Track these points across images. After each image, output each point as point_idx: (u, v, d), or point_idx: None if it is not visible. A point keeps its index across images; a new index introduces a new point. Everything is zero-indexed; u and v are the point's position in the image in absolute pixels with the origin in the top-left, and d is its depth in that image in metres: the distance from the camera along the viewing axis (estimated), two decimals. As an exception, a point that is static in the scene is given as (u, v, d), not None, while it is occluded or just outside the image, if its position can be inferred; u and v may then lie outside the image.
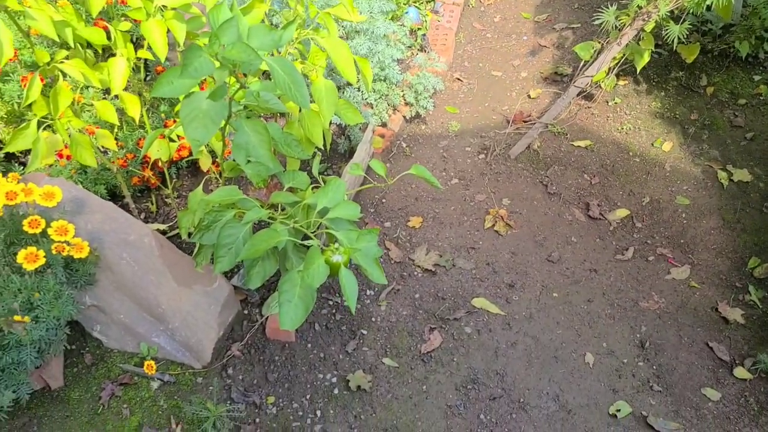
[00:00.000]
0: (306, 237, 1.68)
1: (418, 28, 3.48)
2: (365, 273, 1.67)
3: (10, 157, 2.48)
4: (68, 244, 1.87)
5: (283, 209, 1.95)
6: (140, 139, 2.47)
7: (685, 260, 2.50)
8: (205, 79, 2.23)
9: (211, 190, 2.55)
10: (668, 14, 2.64)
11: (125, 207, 2.42)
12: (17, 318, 1.73)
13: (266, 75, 2.12)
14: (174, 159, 2.59)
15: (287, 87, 1.35)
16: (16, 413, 1.90)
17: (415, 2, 3.69)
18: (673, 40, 2.63)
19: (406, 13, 3.44)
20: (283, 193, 1.82)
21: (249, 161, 1.68)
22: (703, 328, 2.29)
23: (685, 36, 2.65)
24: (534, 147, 2.92)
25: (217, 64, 1.28)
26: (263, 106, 1.67)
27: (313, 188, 1.92)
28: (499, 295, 2.35)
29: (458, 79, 3.34)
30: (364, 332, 2.21)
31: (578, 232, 2.59)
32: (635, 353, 2.20)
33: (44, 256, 1.79)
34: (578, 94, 2.96)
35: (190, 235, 2.00)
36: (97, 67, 1.99)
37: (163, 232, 2.41)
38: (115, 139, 2.50)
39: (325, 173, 2.73)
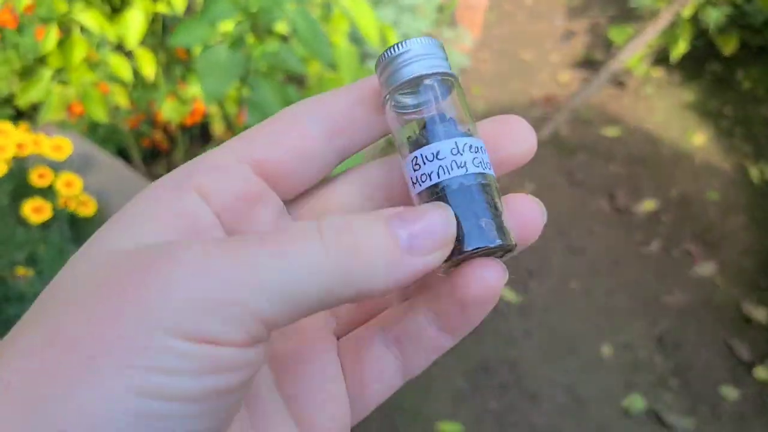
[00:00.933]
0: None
1: (447, 5, 3.39)
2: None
3: (20, 116, 2.44)
4: (75, 199, 1.82)
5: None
6: (153, 101, 2.42)
7: (710, 257, 2.41)
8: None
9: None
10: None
11: (134, 170, 2.37)
12: (21, 270, 1.69)
13: (284, 40, 2.06)
14: (186, 124, 2.53)
15: (310, 43, 1.28)
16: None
17: (445, -21, 3.60)
18: (710, 28, 2.52)
19: (435, -11, 3.35)
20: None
21: (264, 123, 1.61)
22: (725, 326, 2.20)
23: (724, 25, 2.55)
24: (560, 133, 2.83)
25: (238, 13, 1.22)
26: (282, 66, 1.60)
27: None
28: (517, 282, 2.28)
29: (485, 60, 3.25)
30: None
31: (602, 222, 2.51)
32: (653, 348, 2.12)
33: (51, 210, 1.75)
34: (609, 81, 2.86)
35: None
36: (114, 20, 1.94)
37: (174, 197, 2.36)
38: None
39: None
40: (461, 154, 0.31)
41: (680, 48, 2.70)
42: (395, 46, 0.31)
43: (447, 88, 0.32)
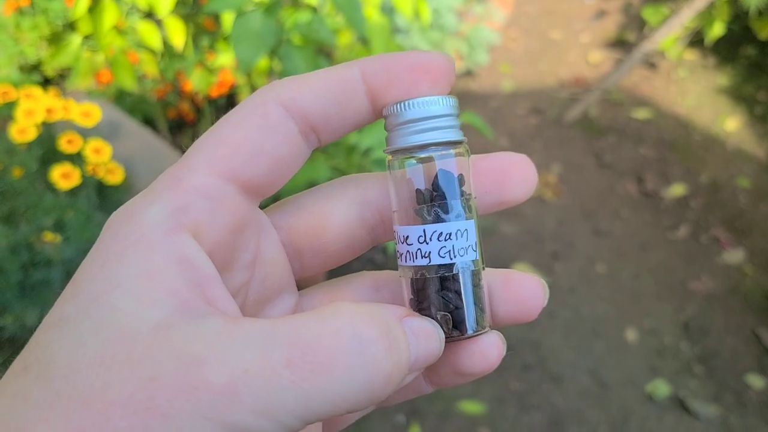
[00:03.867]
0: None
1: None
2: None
3: (47, 82, 2.44)
4: (104, 166, 1.82)
5: (324, 150, 1.87)
6: (180, 71, 2.41)
7: (739, 244, 2.37)
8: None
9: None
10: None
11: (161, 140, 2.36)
12: (48, 236, 1.69)
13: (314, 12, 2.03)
14: (213, 96, 2.52)
15: (344, 7, 1.26)
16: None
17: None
18: (750, 10, 2.45)
19: (466, -35, 3.29)
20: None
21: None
22: (752, 314, 2.16)
23: (764, 7, 2.48)
24: (590, 114, 2.78)
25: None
26: (313, 37, 1.58)
27: (357, 131, 1.83)
28: (542, 263, 2.25)
29: (515, 38, 3.20)
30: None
31: (629, 206, 2.47)
32: (678, 334, 2.09)
33: (79, 176, 1.75)
34: (641, 62, 2.80)
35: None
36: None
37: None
38: (157, 68, 2.44)
39: (369, 123, 2.64)
40: (427, 243, 0.31)
41: (716, 30, 2.63)
42: (404, 105, 0.30)
43: (451, 156, 0.31)
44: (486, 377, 1.56)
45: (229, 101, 2.62)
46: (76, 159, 1.82)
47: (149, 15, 2.47)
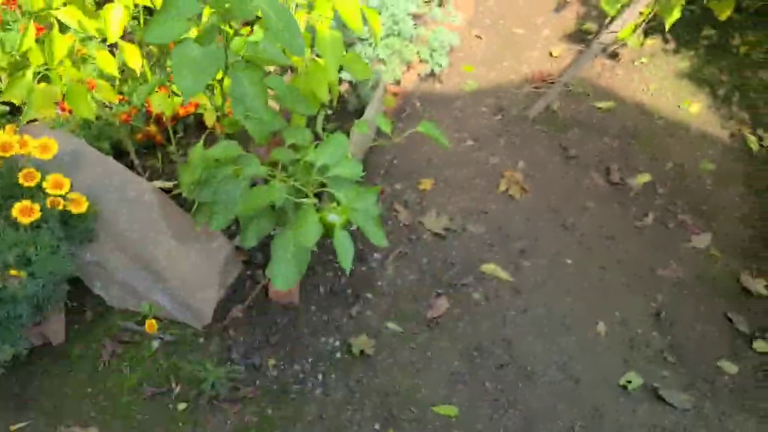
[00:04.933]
0: (305, 196, 1.61)
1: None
2: (365, 234, 1.60)
3: (15, 111, 2.43)
4: (65, 198, 1.82)
5: (285, 167, 1.88)
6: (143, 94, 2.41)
7: (707, 228, 2.39)
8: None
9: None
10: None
11: (129, 164, 2.37)
12: (12, 272, 1.70)
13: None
14: (180, 115, 2.52)
15: (281, 34, 1.27)
16: (16, 368, 1.88)
17: (435, -45, 3.54)
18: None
19: (425, -35, 3.29)
20: (282, 150, 1.74)
21: (248, 116, 1.61)
22: (723, 298, 2.19)
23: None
24: (553, 108, 2.80)
25: (206, 8, 1.20)
26: (264, 57, 1.58)
27: (316, 145, 1.84)
28: (510, 261, 2.27)
29: (477, 36, 3.21)
30: (369, 296, 2.15)
31: (596, 197, 2.49)
32: (649, 323, 2.12)
33: (39, 210, 1.75)
34: (602, 52, 2.82)
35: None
36: (95, 15, 1.92)
37: (168, 190, 2.35)
38: (120, 93, 2.44)
39: (334, 132, 2.65)
40: None
41: (674, 16, 2.65)
42: None
43: None
44: (460, 378, 1.58)
45: (197, 119, 2.63)
46: (36, 192, 1.82)
47: (105, 41, 2.48)
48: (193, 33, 1.32)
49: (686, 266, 2.27)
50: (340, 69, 2.06)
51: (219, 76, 1.60)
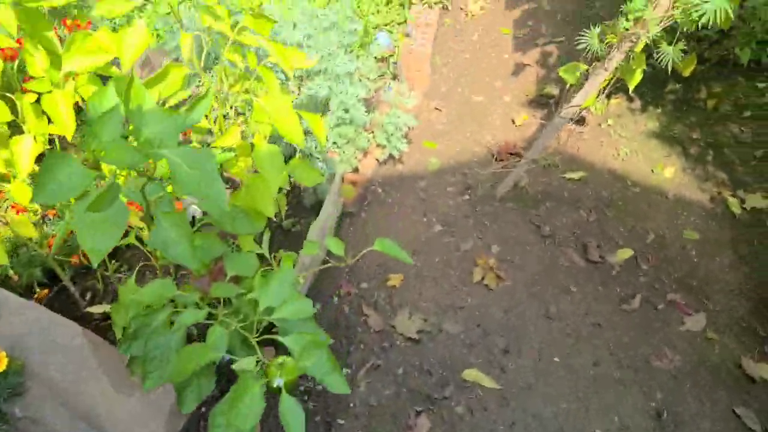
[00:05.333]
0: (250, 345, 1.40)
1: (390, 55, 3.21)
2: (325, 386, 1.39)
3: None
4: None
5: (228, 301, 1.67)
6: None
7: (700, 306, 2.22)
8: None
9: (155, 275, 2.25)
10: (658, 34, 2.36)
11: (64, 289, 2.15)
12: None
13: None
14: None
15: (195, 185, 1.07)
16: None
17: (386, 26, 3.43)
18: (671, 60, 2.34)
19: (376, 39, 3.17)
20: (223, 286, 1.54)
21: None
22: (727, 389, 2.00)
23: (680, 57, 2.38)
24: (521, 184, 2.64)
25: (93, 173, 1.00)
26: (188, 191, 1.39)
27: (263, 272, 1.64)
28: (493, 363, 2.06)
29: (436, 108, 3.07)
30: (341, 422, 1.92)
31: (577, 279, 2.31)
32: (651, 426, 1.91)
33: (-54, 380, 1.52)
34: (566, 122, 2.68)
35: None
36: (4, 144, 1.71)
37: (109, 316, 2.13)
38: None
39: (292, 229, 2.45)
40: None
41: (636, 78, 2.52)
42: None
43: None
44: None
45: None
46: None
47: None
48: (94, 189, 1.12)
49: (683, 354, 2.08)
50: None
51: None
